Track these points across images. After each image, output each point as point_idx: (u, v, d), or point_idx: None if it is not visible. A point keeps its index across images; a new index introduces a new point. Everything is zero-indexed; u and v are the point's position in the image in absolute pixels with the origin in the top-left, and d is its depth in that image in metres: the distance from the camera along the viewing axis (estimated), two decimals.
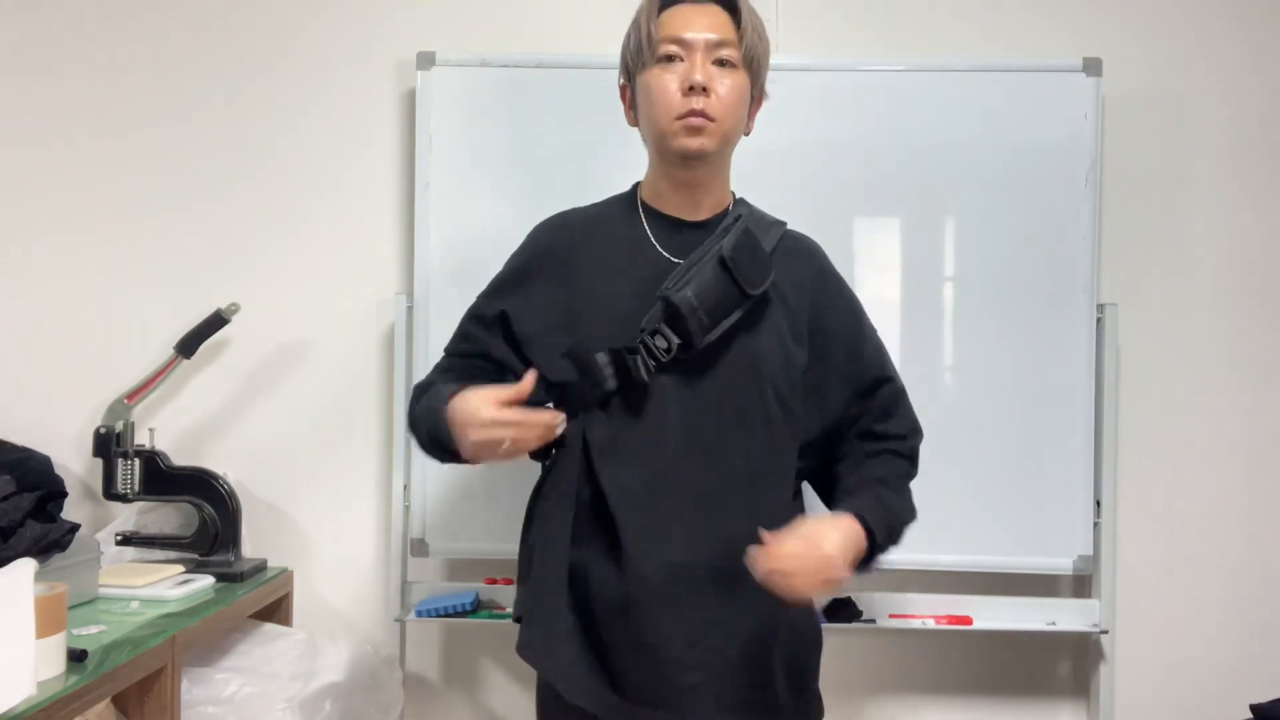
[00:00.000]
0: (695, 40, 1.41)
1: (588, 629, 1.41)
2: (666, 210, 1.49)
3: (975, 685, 2.22)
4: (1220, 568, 2.20)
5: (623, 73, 1.51)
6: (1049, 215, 2.08)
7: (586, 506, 1.42)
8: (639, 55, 1.45)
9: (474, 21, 2.21)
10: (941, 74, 2.09)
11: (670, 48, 1.42)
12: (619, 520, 1.39)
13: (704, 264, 1.39)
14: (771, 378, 1.43)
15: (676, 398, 1.41)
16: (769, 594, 1.39)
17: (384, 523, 2.19)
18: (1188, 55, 2.21)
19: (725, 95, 1.41)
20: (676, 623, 1.38)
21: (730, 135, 1.44)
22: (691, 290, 1.36)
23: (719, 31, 1.42)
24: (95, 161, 2.21)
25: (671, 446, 1.40)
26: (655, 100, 1.42)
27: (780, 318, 1.46)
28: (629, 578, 1.38)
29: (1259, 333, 2.20)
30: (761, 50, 1.46)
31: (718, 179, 1.49)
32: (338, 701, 1.89)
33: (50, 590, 1.41)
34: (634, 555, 1.38)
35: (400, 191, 2.20)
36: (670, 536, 1.39)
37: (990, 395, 2.08)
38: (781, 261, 1.46)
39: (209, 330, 2.08)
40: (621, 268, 1.46)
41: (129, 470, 2.03)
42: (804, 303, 1.48)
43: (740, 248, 1.40)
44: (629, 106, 1.52)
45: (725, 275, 1.38)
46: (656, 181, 1.50)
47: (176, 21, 2.21)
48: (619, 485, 1.40)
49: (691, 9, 1.43)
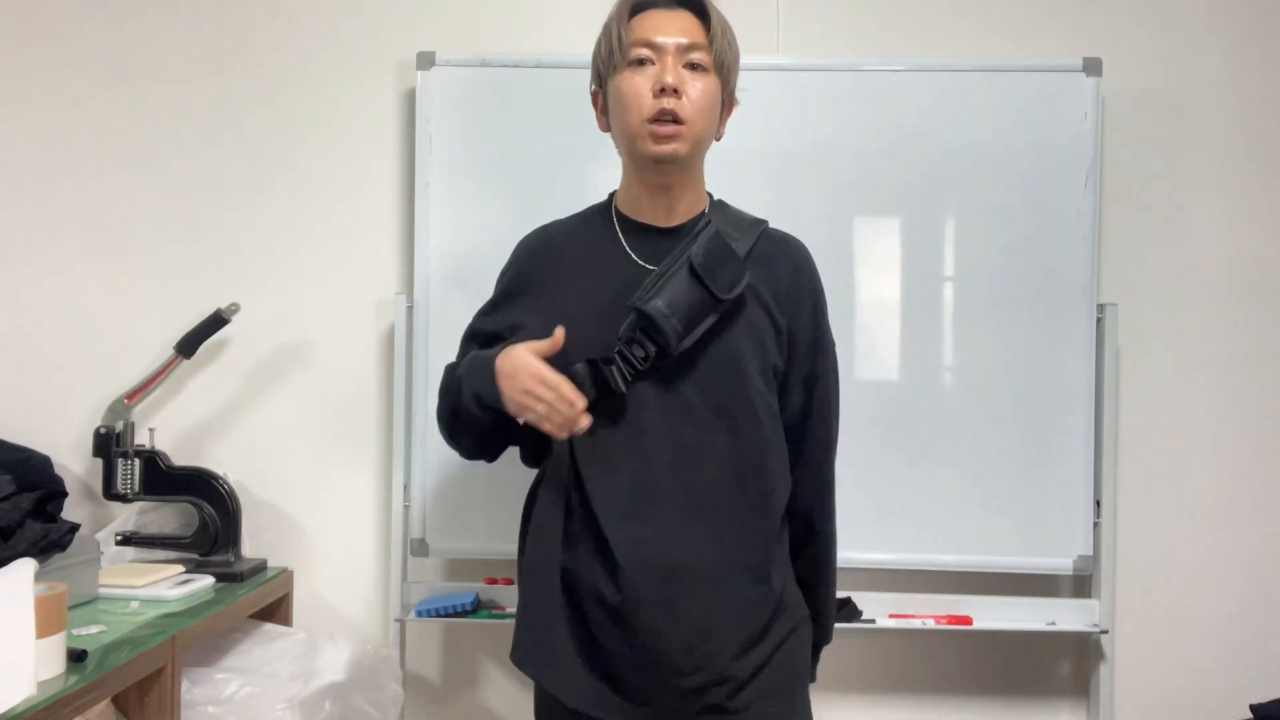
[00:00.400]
0: (666, 44, 1.42)
1: (583, 633, 1.42)
2: (640, 217, 1.50)
3: (975, 685, 2.22)
4: (1220, 568, 2.20)
5: (594, 79, 1.52)
6: (1049, 215, 2.08)
7: (577, 513, 1.43)
8: (610, 59, 1.46)
9: (474, 21, 2.21)
10: (941, 74, 2.09)
11: (641, 51, 1.42)
12: (605, 528, 1.39)
13: (674, 272, 1.39)
14: (752, 377, 1.44)
15: (657, 403, 1.41)
16: (762, 594, 1.41)
17: (384, 523, 2.19)
18: (1188, 55, 2.21)
19: (697, 98, 1.42)
20: (670, 626, 1.38)
21: (702, 138, 1.45)
22: (663, 299, 1.36)
23: (689, 35, 1.43)
24: (95, 162, 2.21)
25: (655, 451, 1.41)
26: (627, 103, 1.43)
27: (758, 316, 1.46)
28: (620, 583, 1.39)
29: (1259, 333, 2.20)
30: (731, 55, 1.47)
31: (691, 183, 1.49)
32: (338, 701, 1.89)
33: (50, 590, 1.40)
34: (623, 561, 1.38)
35: (400, 191, 2.20)
36: (658, 541, 1.39)
37: (990, 395, 2.08)
38: (759, 261, 1.47)
39: (209, 330, 2.08)
40: (598, 279, 1.47)
41: (129, 470, 2.03)
42: (780, 301, 1.48)
43: (710, 253, 1.40)
44: (601, 112, 1.53)
45: (696, 281, 1.38)
46: (630, 188, 1.51)
47: (176, 21, 2.21)
48: (605, 493, 1.41)
49: (662, 14, 1.45)
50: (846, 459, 1.60)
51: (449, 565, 2.18)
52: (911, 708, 2.22)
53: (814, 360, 1.51)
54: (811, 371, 1.51)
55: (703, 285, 1.38)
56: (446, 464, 2.09)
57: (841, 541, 1.57)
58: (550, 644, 1.43)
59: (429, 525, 2.09)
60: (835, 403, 1.56)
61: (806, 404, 1.51)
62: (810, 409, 1.51)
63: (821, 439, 1.53)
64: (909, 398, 2.09)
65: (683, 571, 1.39)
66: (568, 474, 1.43)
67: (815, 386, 1.51)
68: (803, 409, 1.51)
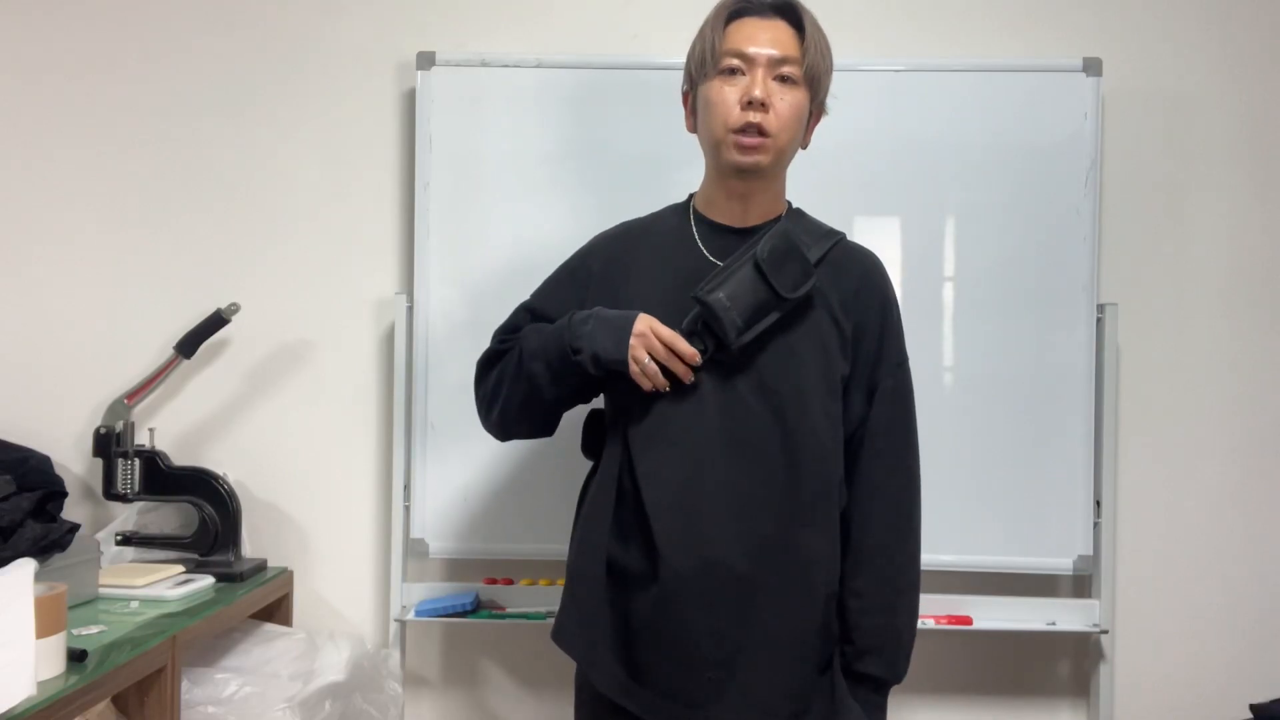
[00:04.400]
0: (758, 55, 1.43)
1: (621, 620, 1.44)
2: (715, 217, 1.52)
3: (975, 685, 2.22)
4: (1220, 568, 2.20)
5: (686, 79, 1.53)
6: (1049, 215, 2.08)
7: (629, 499, 1.44)
8: (702, 66, 1.47)
9: (474, 21, 2.20)
10: (941, 74, 2.09)
11: (733, 61, 1.44)
12: (652, 516, 1.41)
13: (739, 267, 1.41)
14: (811, 380, 1.44)
15: (715, 398, 1.43)
16: (797, 597, 1.41)
17: (384, 523, 2.19)
18: (1188, 55, 2.21)
19: (784, 111, 1.43)
20: (704, 619, 1.40)
21: (785, 150, 1.46)
22: (725, 291, 1.38)
23: (782, 48, 1.43)
24: (95, 162, 2.21)
25: (707, 445, 1.42)
26: (714, 112, 1.44)
27: (826, 325, 1.46)
28: (661, 572, 1.40)
29: (1259, 333, 2.20)
30: (824, 67, 1.47)
31: (770, 191, 1.52)
32: (338, 701, 1.89)
33: (50, 590, 1.40)
34: (665, 551, 1.40)
35: (400, 191, 2.20)
36: (702, 534, 1.40)
37: (990, 395, 2.08)
38: (831, 271, 1.48)
39: (209, 330, 2.08)
40: (669, 269, 1.49)
41: (129, 470, 2.03)
42: (848, 309, 1.48)
43: (776, 251, 1.41)
44: (690, 113, 1.54)
45: (759, 277, 1.40)
46: (710, 189, 1.53)
47: (176, 22, 2.21)
48: (655, 482, 1.42)
49: (757, 23, 1.45)
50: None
51: (449, 565, 2.17)
52: (911, 707, 2.22)
53: (875, 369, 1.49)
54: (871, 379, 1.49)
55: (766, 282, 1.40)
56: (446, 464, 2.09)
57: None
58: (590, 627, 1.45)
59: (429, 525, 2.09)
60: (904, 414, 1.50)
61: (866, 414, 1.48)
62: (870, 417, 1.48)
63: (885, 449, 1.48)
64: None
65: (721, 566, 1.40)
66: (622, 461, 1.45)
67: (875, 394, 1.48)
68: (863, 418, 1.48)
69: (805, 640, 1.43)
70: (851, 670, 1.45)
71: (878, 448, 1.48)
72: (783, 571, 1.42)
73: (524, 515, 2.08)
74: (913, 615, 1.49)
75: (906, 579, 1.48)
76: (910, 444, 1.50)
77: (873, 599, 1.45)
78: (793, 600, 1.42)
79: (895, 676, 1.47)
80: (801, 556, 1.43)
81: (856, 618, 1.45)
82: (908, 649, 1.48)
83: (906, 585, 1.48)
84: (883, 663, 1.45)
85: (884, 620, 1.46)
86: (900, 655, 1.47)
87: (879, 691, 1.47)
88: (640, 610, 1.42)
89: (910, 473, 1.50)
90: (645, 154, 2.07)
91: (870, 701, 1.45)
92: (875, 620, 1.45)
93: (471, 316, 2.07)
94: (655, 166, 2.05)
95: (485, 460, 2.07)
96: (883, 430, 1.49)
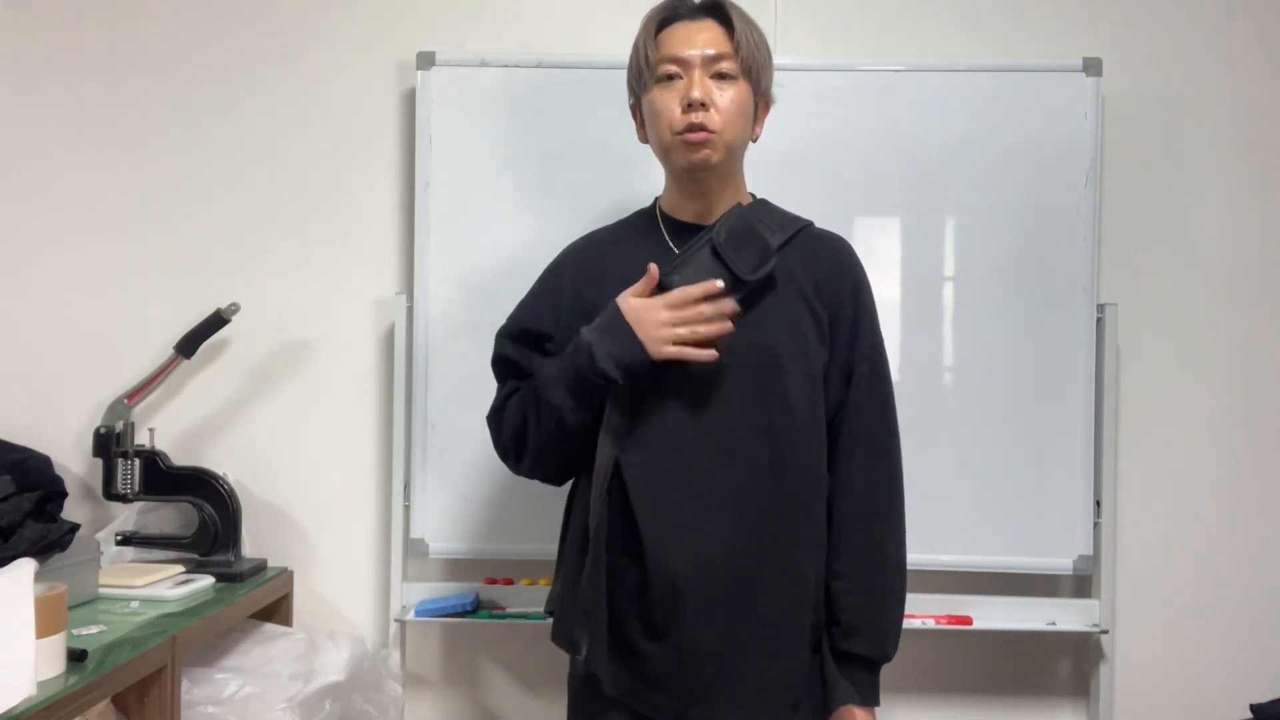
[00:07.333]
0: (691, 57, 1.44)
1: (612, 619, 1.43)
2: (682, 217, 1.53)
3: (975, 685, 2.22)
4: (1220, 568, 2.20)
5: (630, 93, 1.55)
6: (1049, 215, 2.08)
7: (616, 499, 1.44)
8: (640, 77, 1.49)
9: (474, 21, 2.21)
10: (941, 74, 2.09)
11: (669, 67, 1.45)
12: (638, 516, 1.41)
13: (695, 251, 1.42)
14: (789, 370, 1.44)
15: (693, 393, 1.43)
16: (788, 586, 1.42)
17: (384, 523, 2.19)
18: (1188, 55, 2.21)
19: (726, 107, 1.44)
20: (697, 613, 1.40)
21: (734, 144, 1.47)
22: (680, 275, 1.39)
23: (715, 46, 1.45)
24: (95, 162, 2.21)
25: (689, 442, 1.42)
26: (659, 120, 1.46)
27: (802, 313, 1.47)
28: (650, 570, 1.40)
29: (1259, 333, 2.20)
30: (761, 58, 1.48)
31: (729, 186, 1.52)
32: (338, 701, 1.89)
33: (50, 590, 1.40)
34: (654, 549, 1.40)
35: (400, 191, 2.20)
36: (689, 531, 1.40)
37: (990, 395, 2.08)
38: (802, 257, 1.49)
39: (209, 330, 2.08)
40: (639, 270, 1.48)
41: (129, 470, 2.03)
42: (821, 293, 1.49)
43: (733, 234, 1.43)
44: (639, 125, 1.56)
45: (716, 261, 1.41)
46: (671, 194, 1.55)
47: (176, 22, 2.21)
48: (639, 480, 1.42)
49: (686, 26, 1.47)
50: None
51: (449, 565, 2.17)
52: (911, 707, 2.22)
53: (851, 352, 1.50)
54: (847, 363, 1.50)
55: (723, 265, 1.40)
56: (446, 463, 2.09)
57: None
58: (583, 624, 1.44)
59: (429, 525, 2.09)
60: (881, 397, 1.51)
61: (844, 396, 1.49)
62: (847, 401, 1.49)
63: (862, 431, 1.49)
64: (909, 397, 2.07)
65: (710, 560, 1.40)
66: (608, 461, 1.44)
67: (851, 378, 1.49)
68: (841, 402, 1.49)
69: (798, 628, 1.44)
70: (840, 651, 1.46)
71: (857, 431, 1.49)
72: (773, 562, 1.42)
73: (524, 515, 2.08)
74: (899, 595, 1.49)
75: (891, 559, 1.49)
76: (889, 426, 1.51)
77: (858, 580, 1.46)
78: (784, 590, 1.42)
79: (884, 655, 1.48)
80: (791, 546, 1.43)
81: (843, 599, 1.46)
82: (896, 627, 1.48)
83: (891, 566, 1.49)
84: (871, 642, 1.46)
85: (869, 600, 1.47)
86: (889, 634, 1.47)
87: (870, 671, 1.48)
88: (629, 607, 1.42)
89: (891, 455, 1.51)
90: (645, 153, 2.06)
91: (863, 681, 1.46)
92: (860, 600, 1.46)
93: (471, 317, 2.07)
94: (655, 166, 2.04)
95: (485, 460, 2.07)
96: (862, 413, 1.49)
